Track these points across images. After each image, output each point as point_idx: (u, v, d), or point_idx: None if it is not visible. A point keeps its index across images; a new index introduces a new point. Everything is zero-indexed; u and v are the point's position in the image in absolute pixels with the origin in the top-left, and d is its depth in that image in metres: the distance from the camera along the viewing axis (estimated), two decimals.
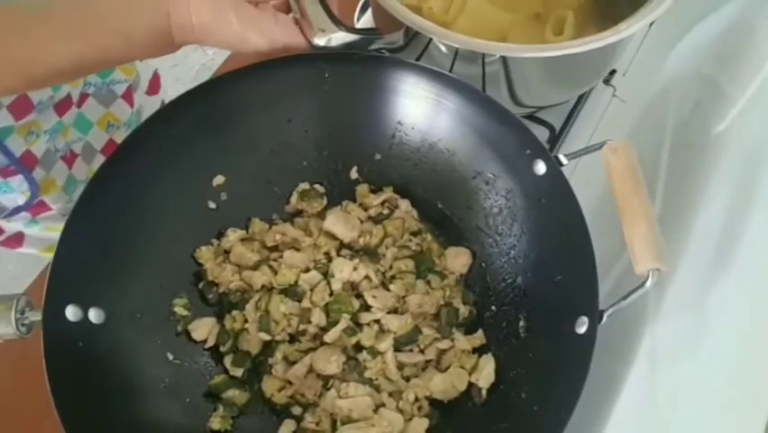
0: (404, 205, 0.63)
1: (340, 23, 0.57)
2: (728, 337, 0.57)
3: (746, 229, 0.61)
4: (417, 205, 0.63)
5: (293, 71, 0.60)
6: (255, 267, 0.61)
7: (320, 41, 0.56)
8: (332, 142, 0.63)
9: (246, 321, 0.59)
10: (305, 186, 0.64)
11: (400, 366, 0.56)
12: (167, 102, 0.58)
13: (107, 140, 0.82)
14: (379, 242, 0.62)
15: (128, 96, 0.82)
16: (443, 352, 0.58)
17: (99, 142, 0.81)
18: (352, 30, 0.58)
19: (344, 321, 0.57)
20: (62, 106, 0.73)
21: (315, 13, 0.56)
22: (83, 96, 0.76)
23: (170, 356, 0.56)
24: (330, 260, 0.61)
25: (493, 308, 0.59)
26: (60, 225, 0.51)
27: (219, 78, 0.60)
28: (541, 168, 0.54)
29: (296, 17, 0.58)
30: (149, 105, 0.88)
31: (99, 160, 0.81)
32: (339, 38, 0.57)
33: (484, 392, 0.55)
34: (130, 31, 0.53)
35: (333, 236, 0.62)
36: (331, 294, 0.59)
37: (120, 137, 0.81)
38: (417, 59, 0.63)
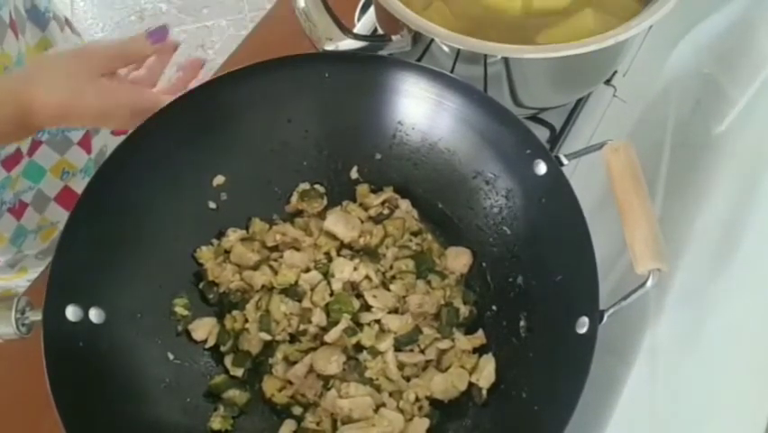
0: (404, 205, 0.63)
1: (347, 31, 0.57)
2: (729, 337, 0.57)
3: (747, 229, 0.61)
4: (418, 205, 0.63)
5: (293, 71, 0.60)
6: (255, 267, 0.61)
7: (328, 48, 0.57)
8: (332, 142, 0.63)
9: (246, 321, 0.59)
10: (305, 186, 0.64)
11: (401, 366, 0.56)
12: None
13: (62, 187, 0.78)
14: (380, 242, 0.62)
15: (85, 143, 0.78)
16: (443, 352, 0.58)
17: (53, 190, 0.77)
18: (360, 37, 0.58)
19: (345, 321, 0.57)
20: (10, 162, 0.69)
21: (323, 21, 0.57)
22: (35, 144, 0.72)
23: (171, 356, 0.56)
24: (330, 260, 0.61)
25: (494, 307, 0.59)
26: (8, 276, 0.50)
27: (219, 78, 0.60)
28: (541, 168, 0.54)
29: (303, 26, 0.58)
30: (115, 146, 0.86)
31: (52, 208, 0.77)
32: (346, 45, 0.57)
33: (484, 392, 0.55)
34: None
35: (333, 236, 0.62)
36: (331, 294, 0.59)
37: (76, 184, 0.78)
38: (419, 60, 0.63)
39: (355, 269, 0.59)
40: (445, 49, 0.60)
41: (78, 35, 0.78)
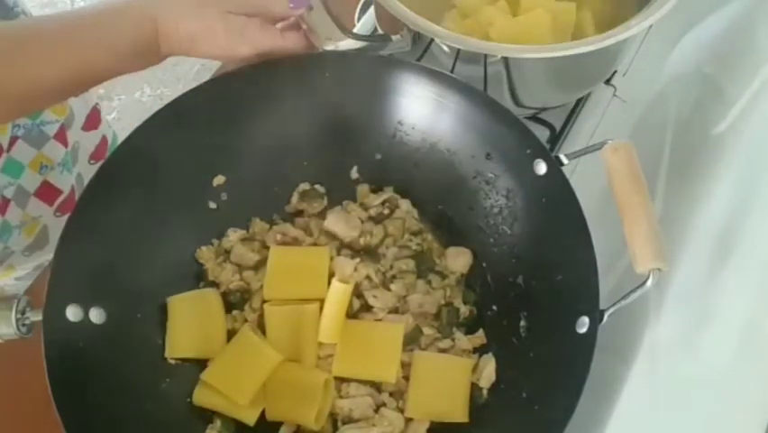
0: (404, 205, 0.63)
1: (347, 31, 0.57)
2: (729, 337, 0.57)
3: (747, 229, 0.61)
4: (418, 205, 0.63)
5: (293, 71, 0.60)
6: (256, 267, 0.61)
7: (328, 48, 0.57)
8: (332, 143, 0.63)
9: (246, 321, 0.59)
10: (305, 186, 0.64)
11: (401, 366, 0.56)
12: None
13: (41, 181, 0.77)
14: (380, 242, 0.62)
15: (60, 136, 0.78)
16: (443, 351, 0.58)
17: (32, 185, 0.76)
18: (360, 37, 0.58)
19: None
20: None
21: (323, 21, 0.57)
22: (12, 140, 0.72)
23: None
24: (330, 259, 0.61)
25: (494, 307, 0.59)
26: None
27: (219, 78, 0.60)
28: (542, 168, 0.54)
29: (303, 26, 0.58)
30: (86, 142, 0.84)
31: (33, 203, 0.77)
32: (346, 45, 0.57)
33: (485, 392, 0.55)
34: (116, 43, 0.52)
35: (333, 236, 0.62)
36: None
37: (54, 178, 0.77)
38: (419, 60, 0.63)
39: (355, 269, 0.59)
40: (445, 49, 0.60)
41: None
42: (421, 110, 0.61)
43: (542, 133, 0.70)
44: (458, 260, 0.61)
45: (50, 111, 0.75)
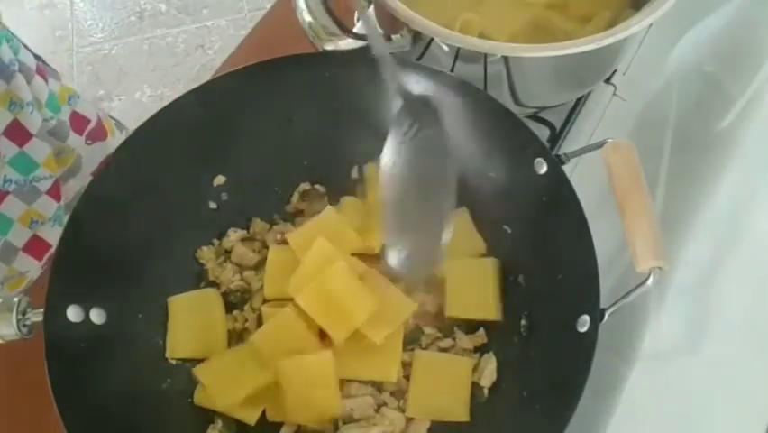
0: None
1: (347, 31, 0.57)
2: (730, 336, 0.57)
3: (747, 227, 0.61)
4: None
5: (293, 71, 0.60)
6: (256, 267, 0.61)
7: (328, 48, 0.57)
8: (332, 142, 0.63)
9: (246, 321, 0.59)
10: (305, 186, 0.64)
11: (402, 365, 0.56)
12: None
13: (30, 236, 0.75)
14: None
15: (54, 192, 0.75)
16: (444, 351, 0.57)
17: (21, 240, 0.74)
18: (360, 36, 0.58)
19: None
20: None
21: (323, 21, 0.57)
22: (1, 194, 0.70)
23: None
24: None
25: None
26: None
27: (219, 78, 0.60)
28: (542, 167, 0.54)
29: (303, 26, 0.58)
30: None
31: (21, 258, 0.75)
32: (346, 45, 0.57)
33: (486, 391, 0.55)
34: None
35: None
36: None
37: (45, 232, 0.75)
38: (419, 59, 0.63)
39: None
40: (445, 48, 0.60)
41: (57, 80, 0.75)
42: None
43: (542, 132, 0.69)
44: None
45: (44, 167, 0.73)
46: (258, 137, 0.62)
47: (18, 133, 0.68)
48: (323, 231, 0.57)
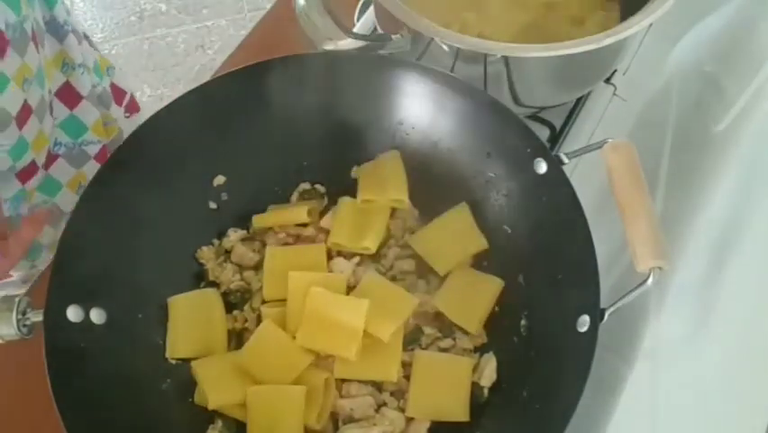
0: (405, 204, 0.63)
1: (347, 31, 0.57)
2: (730, 336, 0.57)
3: (748, 227, 0.61)
4: (418, 204, 0.63)
5: (293, 71, 0.60)
6: (256, 267, 0.61)
7: (328, 48, 0.57)
8: (332, 142, 0.63)
9: (246, 321, 0.59)
10: (305, 186, 0.64)
11: (402, 365, 0.56)
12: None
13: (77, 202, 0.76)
14: (381, 242, 0.62)
15: (101, 157, 0.76)
16: (444, 351, 0.57)
17: (68, 205, 0.73)
18: (360, 36, 0.58)
19: None
20: (25, 174, 0.66)
21: (323, 21, 0.57)
22: (51, 158, 0.70)
23: None
24: (330, 260, 0.61)
25: (495, 307, 0.59)
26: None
27: (219, 78, 0.60)
28: (542, 167, 0.54)
29: (303, 26, 0.58)
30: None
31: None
32: (346, 45, 0.57)
33: (486, 391, 0.55)
34: None
35: None
36: None
37: None
38: (418, 59, 0.63)
39: (355, 269, 0.59)
40: (445, 48, 0.60)
41: (97, 50, 0.77)
42: (421, 110, 0.61)
43: (542, 132, 0.70)
44: None
45: (93, 132, 0.73)
46: (258, 137, 0.62)
47: (70, 95, 0.69)
48: (292, 265, 0.57)
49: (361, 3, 0.83)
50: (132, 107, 0.82)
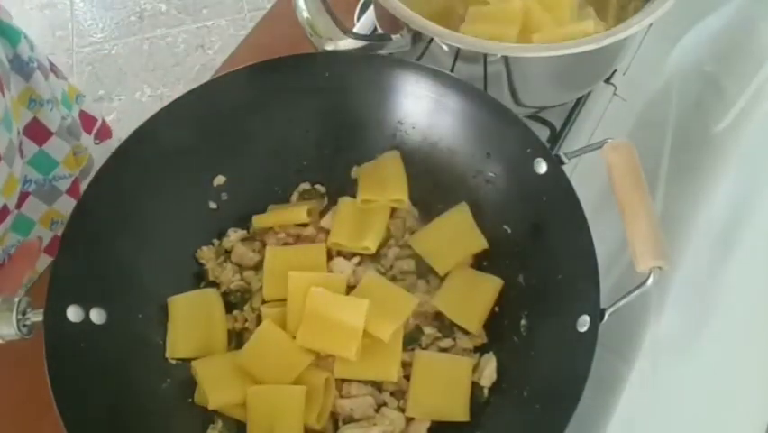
0: (404, 205, 0.63)
1: (347, 31, 0.57)
2: (730, 336, 0.57)
3: (748, 227, 0.61)
4: (418, 204, 0.63)
5: (293, 71, 0.60)
6: (256, 267, 0.61)
7: (328, 48, 0.57)
8: (332, 142, 0.63)
9: (246, 321, 0.59)
10: (305, 186, 0.64)
11: (402, 365, 0.56)
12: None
13: (52, 237, 0.74)
14: (381, 242, 0.62)
15: (74, 191, 0.74)
16: (444, 351, 0.57)
17: (42, 241, 0.72)
18: (360, 36, 0.58)
19: None
20: None
21: (323, 21, 0.57)
22: (22, 196, 0.68)
23: None
24: (330, 260, 0.61)
25: (495, 307, 0.59)
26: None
27: (219, 78, 0.60)
28: (542, 167, 0.54)
29: (303, 26, 0.58)
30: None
31: (43, 259, 0.72)
32: (346, 45, 0.57)
33: (486, 391, 0.55)
34: None
35: None
36: None
37: None
38: (418, 59, 0.63)
39: (355, 269, 0.59)
40: (445, 48, 0.60)
41: (64, 79, 0.75)
42: (421, 109, 0.61)
43: (542, 132, 0.70)
44: None
45: (63, 165, 0.72)
46: (258, 137, 0.62)
47: (38, 131, 0.68)
48: (292, 265, 0.57)
49: (361, 3, 0.83)
50: (104, 134, 0.80)
